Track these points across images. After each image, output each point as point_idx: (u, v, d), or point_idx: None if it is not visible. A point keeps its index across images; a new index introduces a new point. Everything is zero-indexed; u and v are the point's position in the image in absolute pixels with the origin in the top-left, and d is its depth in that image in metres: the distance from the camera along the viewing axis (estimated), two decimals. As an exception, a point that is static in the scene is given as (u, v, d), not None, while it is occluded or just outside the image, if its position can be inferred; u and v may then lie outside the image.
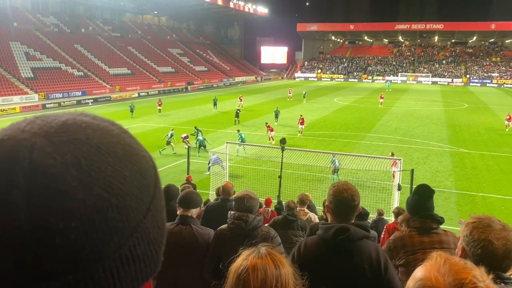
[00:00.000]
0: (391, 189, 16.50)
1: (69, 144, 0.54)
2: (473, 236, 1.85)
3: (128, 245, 0.56)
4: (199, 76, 78.04)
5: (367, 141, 27.96)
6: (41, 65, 54.26)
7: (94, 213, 0.52)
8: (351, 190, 2.74)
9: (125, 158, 0.58)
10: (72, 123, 0.57)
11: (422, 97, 58.64)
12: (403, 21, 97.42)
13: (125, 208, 0.55)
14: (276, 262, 1.51)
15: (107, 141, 0.57)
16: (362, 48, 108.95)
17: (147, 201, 0.59)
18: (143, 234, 0.58)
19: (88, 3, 74.44)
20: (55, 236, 0.50)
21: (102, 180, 0.54)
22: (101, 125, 0.60)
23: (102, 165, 0.55)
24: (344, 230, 2.59)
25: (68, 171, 0.52)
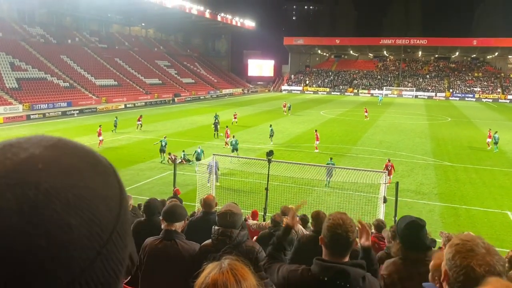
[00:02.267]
0: (376, 201, 16.66)
1: (16, 187, 0.52)
2: (455, 261, 1.78)
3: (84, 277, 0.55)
4: (186, 88, 78.06)
5: (353, 154, 28.22)
6: (26, 75, 53.72)
7: (31, 263, 0.50)
8: (346, 225, 2.59)
9: (76, 204, 0.55)
10: (30, 162, 0.55)
11: (407, 110, 59.52)
12: (388, 36, 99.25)
13: (66, 258, 0.53)
14: (237, 277, 1.47)
15: (61, 185, 0.55)
16: (347, 62, 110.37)
17: (97, 246, 0.57)
18: (89, 280, 0.56)
19: (75, 14, 74.20)
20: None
21: (43, 229, 0.51)
22: (63, 163, 0.57)
23: (47, 212, 0.52)
24: (345, 274, 2.47)
25: (8, 217, 0.50)
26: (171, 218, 4.06)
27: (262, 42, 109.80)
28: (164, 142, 25.36)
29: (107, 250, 0.58)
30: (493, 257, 1.76)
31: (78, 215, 0.54)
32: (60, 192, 0.54)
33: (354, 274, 2.49)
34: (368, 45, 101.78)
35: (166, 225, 4.07)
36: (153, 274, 4.10)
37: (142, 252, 4.20)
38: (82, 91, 57.94)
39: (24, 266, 0.50)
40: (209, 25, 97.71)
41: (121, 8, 75.03)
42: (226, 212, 3.85)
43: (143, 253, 4.17)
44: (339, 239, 2.55)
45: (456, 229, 14.49)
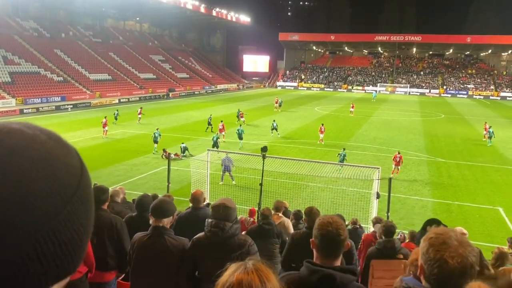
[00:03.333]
0: (369, 197, 16.79)
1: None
2: (429, 255, 1.79)
3: (32, 243, 0.58)
4: (181, 83, 77.84)
5: (347, 150, 28.29)
6: (19, 69, 53.33)
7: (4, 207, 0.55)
8: (336, 223, 2.56)
9: (39, 161, 0.61)
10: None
11: (400, 107, 59.78)
12: (382, 33, 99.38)
13: (30, 207, 0.57)
14: (262, 278, 1.48)
15: (25, 145, 0.61)
16: (342, 58, 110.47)
17: (58, 203, 0.61)
18: (51, 234, 0.60)
19: (69, 8, 73.57)
20: None
21: (8, 178, 0.57)
22: (26, 132, 0.64)
23: (10, 165, 0.58)
24: (331, 278, 2.41)
25: None
26: (159, 214, 4.04)
27: (258, 38, 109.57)
28: (158, 133, 26.24)
29: (68, 211, 0.62)
30: (466, 248, 1.78)
31: (40, 171, 0.60)
32: (24, 150, 0.60)
33: (342, 279, 2.44)
34: (363, 41, 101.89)
35: (154, 221, 4.05)
36: (142, 269, 4.13)
37: (131, 248, 4.23)
38: (76, 86, 57.63)
39: None
40: (204, 20, 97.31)
41: (116, 2, 74.46)
42: (219, 205, 3.90)
43: (132, 249, 4.20)
44: (329, 238, 2.51)
45: (449, 225, 14.58)
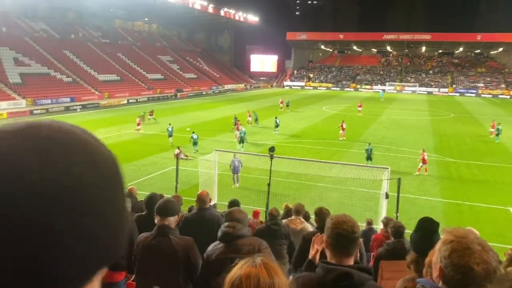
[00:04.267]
0: (378, 197, 16.67)
1: (31, 137, 0.61)
2: (452, 260, 1.76)
3: (81, 225, 0.60)
4: (189, 83, 78.02)
5: (355, 150, 28.20)
6: (29, 70, 53.83)
7: (48, 193, 0.58)
8: (351, 222, 2.58)
9: (81, 151, 0.64)
10: (39, 123, 0.65)
11: (409, 106, 59.36)
12: (391, 31, 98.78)
13: (79, 190, 0.61)
14: (270, 271, 1.51)
15: (67, 137, 0.64)
16: (351, 58, 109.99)
17: (101, 189, 0.64)
18: (99, 216, 0.63)
19: (79, 10, 74.12)
20: (14, 210, 0.56)
21: (56, 165, 0.60)
22: (65, 127, 0.66)
23: (58, 153, 0.61)
24: (348, 276, 2.41)
25: (27, 157, 0.59)
26: (164, 213, 4.08)
27: (265, 37, 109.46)
28: (171, 128, 28.00)
29: (112, 195, 0.66)
30: (488, 253, 1.76)
31: (83, 158, 0.64)
32: (69, 142, 0.64)
33: (359, 277, 2.43)
34: (372, 40, 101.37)
35: (159, 219, 4.09)
36: (147, 269, 4.13)
37: (136, 248, 4.24)
38: (85, 86, 58.03)
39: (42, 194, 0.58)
40: (212, 20, 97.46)
41: (124, 3, 74.84)
42: (233, 210, 4.15)
43: (137, 249, 4.21)
44: (344, 236, 2.51)
45: (460, 225, 14.49)
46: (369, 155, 23.69)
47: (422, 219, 3.55)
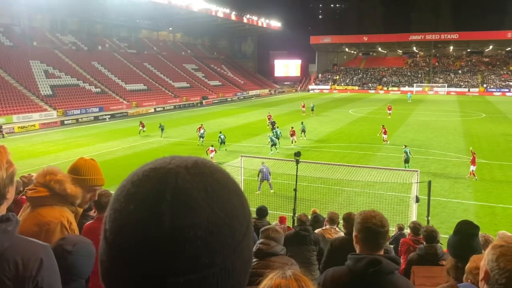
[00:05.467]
0: (408, 201, 16.30)
1: (200, 175, 0.73)
2: (499, 264, 1.76)
3: (231, 259, 0.71)
4: (214, 90, 78.71)
5: (383, 153, 27.72)
6: (59, 82, 55.47)
7: (214, 227, 0.69)
8: (379, 216, 2.67)
9: (234, 191, 0.76)
10: (200, 162, 0.77)
11: (438, 107, 58.04)
12: (417, 32, 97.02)
13: (234, 228, 0.72)
14: (300, 283, 1.51)
15: (223, 177, 0.77)
16: (376, 59, 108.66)
17: (245, 227, 0.75)
18: (241, 253, 0.73)
19: (105, 21, 76.05)
20: (186, 242, 0.67)
21: (220, 204, 0.71)
22: (217, 166, 0.79)
23: (221, 193, 0.73)
24: (376, 262, 2.45)
25: (199, 194, 0.70)
26: None
27: (289, 42, 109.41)
28: (223, 135, 28.95)
29: (248, 232, 0.77)
30: None
31: (236, 198, 0.75)
32: (224, 181, 0.76)
33: (387, 265, 2.47)
34: (397, 41, 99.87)
35: None
36: None
37: None
38: (113, 96, 59.32)
39: (209, 228, 0.69)
40: (235, 27, 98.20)
41: (149, 14, 76.39)
42: (269, 228, 4.23)
43: None
44: (373, 228, 2.57)
45: (493, 228, 13.98)
46: (407, 157, 22.84)
47: (461, 222, 3.42)
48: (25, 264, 1.71)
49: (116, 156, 27.57)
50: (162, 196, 0.68)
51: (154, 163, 0.75)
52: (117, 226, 0.70)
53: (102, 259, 0.73)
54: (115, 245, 0.70)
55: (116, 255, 0.70)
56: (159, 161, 0.76)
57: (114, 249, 0.70)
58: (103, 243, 0.73)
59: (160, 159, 0.77)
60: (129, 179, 0.74)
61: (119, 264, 0.70)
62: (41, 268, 1.74)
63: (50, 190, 2.55)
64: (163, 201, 0.68)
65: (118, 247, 0.70)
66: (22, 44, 58.93)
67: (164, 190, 0.69)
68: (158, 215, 0.67)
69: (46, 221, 2.49)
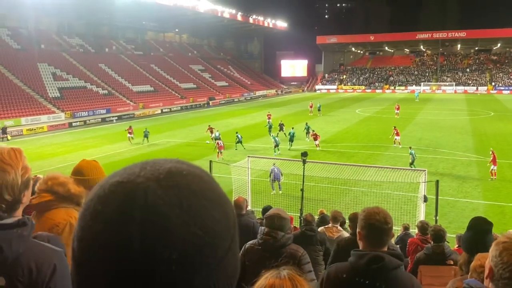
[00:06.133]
0: (416, 200, 16.20)
1: (174, 188, 0.65)
2: (502, 258, 1.78)
3: (212, 279, 0.66)
4: (220, 91, 78.83)
5: (391, 152, 27.59)
6: (67, 84, 55.86)
7: (191, 248, 0.63)
8: (383, 213, 2.65)
9: (216, 201, 0.68)
10: (175, 170, 0.68)
11: (446, 106, 57.65)
12: (424, 30, 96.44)
13: (215, 245, 0.65)
14: (294, 282, 1.52)
15: (202, 187, 0.68)
16: (383, 59, 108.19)
17: (229, 241, 0.69)
18: (224, 269, 0.67)
19: (112, 24, 76.47)
20: (159, 264, 0.61)
21: (199, 220, 0.64)
22: (196, 172, 0.70)
23: (198, 207, 0.65)
24: (379, 258, 2.46)
25: (173, 211, 0.63)
26: None
27: (295, 42, 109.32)
28: (240, 136, 28.96)
29: (233, 245, 0.70)
30: None
31: (217, 210, 0.68)
32: (203, 191, 0.68)
33: (390, 260, 2.47)
34: (404, 40, 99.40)
35: None
36: None
37: None
38: (120, 98, 59.62)
39: (185, 249, 0.62)
40: (241, 28, 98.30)
41: (155, 15, 76.68)
42: (274, 216, 3.96)
43: None
44: (376, 225, 2.56)
45: (502, 228, 13.84)
46: (413, 159, 22.34)
47: (474, 218, 3.44)
48: (39, 270, 1.71)
49: (123, 157, 27.70)
50: (130, 216, 0.62)
51: (122, 175, 0.67)
52: (85, 247, 0.65)
53: (72, 278, 0.68)
54: (83, 267, 0.65)
55: (84, 279, 0.65)
56: (128, 171, 0.68)
57: (82, 273, 0.65)
58: (72, 262, 0.67)
59: (130, 168, 0.69)
60: (95, 193, 0.67)
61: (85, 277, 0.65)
62: (54, 274, 1.75)
63: (54, 193, 2.57)
64: (131, 221, 0.61)
65: (87, 271, 0.65)
66: (30, 47, 59.41)
67: (131, 208, 0.62)
68: (126, 238, 0.61)
69: (55, 223, 2.51)
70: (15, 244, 1.63)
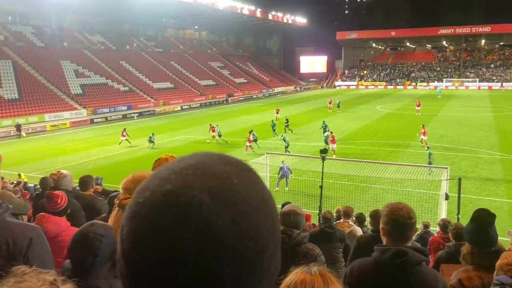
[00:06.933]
0: (437, 198, 15.95)
1: (227, 202, 0.65)
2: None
3: (260, 283, 0.67)
4: (239, 88, 78.96)
5: (412, 150, 27.21)
6: (89, 81, 56.78)
7: (243, 260, 0.64)
8: (406, 208, 2.65)
9: (265, 211, 0.69)
10: (226, 178, 0.68)
11: (469, 103, 56.46)
12: (446, 26, 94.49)
13: (263, 253, 0.66)
14: (325, 278, 1.54)
15: (252, 196, 0.68)
16: (404, 55, 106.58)
17: (274, 245, 0.70)
18: (269, 272, 0.69)
19: (132, 21, 77.29)
20: (211, 277, 0.62)
21: (250, 232, 0.65)
22: (245, 177, 0.70)
23: (251, 220, 0.66)
24: (402, 253, 2.46)
25: (227, 226, 0.63)
26: None
27: (314, 38, 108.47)
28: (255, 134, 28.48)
29: (277, 250, 0.71)
30: None
31: (265, 217, 0.68)
32: (253, 199, 0.68)
33: (413, 255, 2.46)
34: (426, 35, 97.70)
35: None
36: None
37: None
38: (141, 95, 60.31)
39: (237, 262, 0.64)
40: (260, 24, 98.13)
41: (175, 13, 77.19)
42: (290, 212, 3.90)
43: None
44: (400, 220, 2.56)
45: (528, 227, 13.53)
46: (430, 162, 20.78)
47: (477, 210, 3.45)
48: (15, 242, 1.92)
49: (144, 153, 28.04)
50: (184, 232, 0.62)
51: (175, 183, 0.66)
52: (136, 250, 0.65)
53: (120, 272, 0.68)
54: (132, 263, 0.66)
55: (134, 279, 0.66)
56: (180, 178, 0.67)
57: (132, 274, 0.66)
58: (121, 259, 0.68)
59: (180, 174, 0.67)
60: (146, 199, 0.66)
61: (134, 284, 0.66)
62: (30, 246, 1.94)
63: None
64: (185, 237, 0.62)
65: (138, 274, 0.65)
66: (53, 44, 60.60)
67: (187, 224, 0.62)
68: (179, 253, 0.62)
69: None
70: None
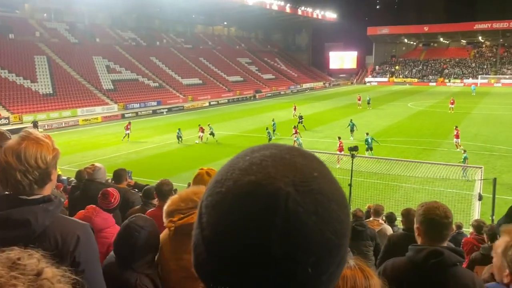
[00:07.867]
0: (470, 199, 15.48)
1: (310, 194, 0.66)
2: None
3: (336, 272, 0.70)
4: (267, 84, 78.81)
5: (444, 148, 26.49)
6: (120, 77, 57.89)
7: (325, 252, 0.66)
8: (443, 207, 2.60)
9: (342, 203, 0.70)
10: (306, 171, 0.69)
11: (506, 100, 54.50)
12: (483, 20, 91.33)
13: (340, 246, 0.69)
14: (365, 273, 1.56)
15: (331, 188, 0.70)
16: (437, 50, 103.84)
17: (348, 237, 0.72)
18: (342, 262, 0.71)
19: (163, 17, 78.26)
20: (297, 268, 0.64)
21: (331, 225, 0.67)
22: (322, 171, 0.71)
23: (331, 211, 0.67)
24: (437, 253, 2.41)
25: (310, 218, 0.64)
26: None
27: (344, 34, 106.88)
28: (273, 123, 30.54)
29: (348, 242, 0.73)
30: None
31: (343, 212, 0.70)
32: (333, 194, 0.69)
33: (449, 256, 2.40)
34: (460, 31, 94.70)
35: None
36: None
37: None
38: (170, 91, 61.06)
39: (320, 254, 0.66)
40: (289, 20, 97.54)
41: (204, 9, 77.69)
42: None
43: None
44: (436, 220, 2.51)
45: None
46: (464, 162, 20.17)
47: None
48: (64, 240, 1.88)
49: (172, 148, 28.39)
50: (272, 223, 0.63)
51: (256, 174, 0.67)
52: (223, 237, 0.66)
53: (198, 252, 0.70)
54: (215, 249, 0.67)
55: (217, 260, 0.67)
56: (260, 169, 0.67)
57: (213, 253, 0.67)
58: (199, 238, 0.69)
59: (261, 166, 0.68)
60: (229, 187, 0.67)
61: (217, 269, 0.68)
62: (78, 244, 1.90)
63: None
64: (273, 229, 0.63)
65: (219, 253, 0.67)
66: (86, 40, 62.04)
67: (274, 215, 0.63)
68: (266, 243, 0.63)
69: None
70: (41, 218, 1.82)
